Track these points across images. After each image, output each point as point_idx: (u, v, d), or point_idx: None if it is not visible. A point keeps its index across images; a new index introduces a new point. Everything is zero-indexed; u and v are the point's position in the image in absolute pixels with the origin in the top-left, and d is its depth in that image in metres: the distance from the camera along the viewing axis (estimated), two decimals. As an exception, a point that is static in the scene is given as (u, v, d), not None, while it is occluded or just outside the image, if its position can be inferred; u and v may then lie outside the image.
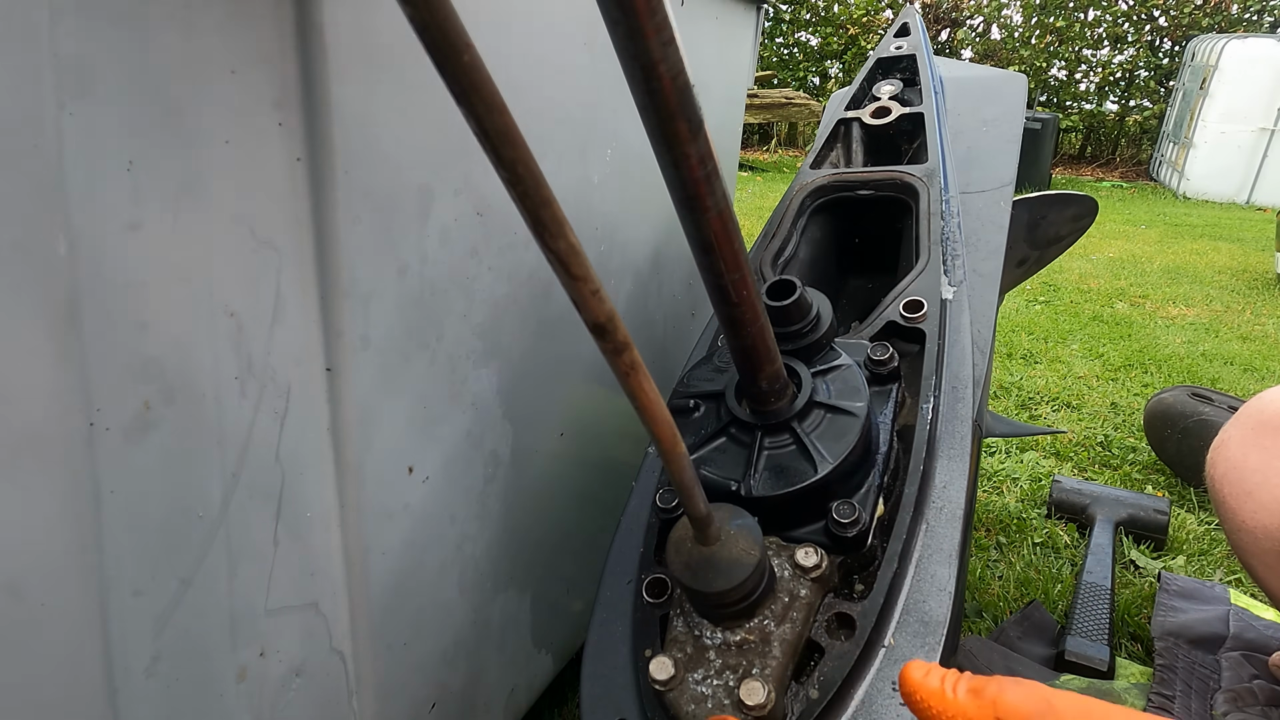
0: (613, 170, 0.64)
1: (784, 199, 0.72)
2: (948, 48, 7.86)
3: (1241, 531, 0.69)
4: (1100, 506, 1.21)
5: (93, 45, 0.27)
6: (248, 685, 0.39)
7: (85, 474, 0.30)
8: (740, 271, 0.32)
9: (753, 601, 0.34)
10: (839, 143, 0.80)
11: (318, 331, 0.39)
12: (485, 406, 0.53)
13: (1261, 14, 6.81)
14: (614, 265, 0.69)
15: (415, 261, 0.44)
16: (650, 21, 0.23)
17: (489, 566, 0.58)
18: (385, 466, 0.45)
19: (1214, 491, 0.74)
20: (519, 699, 0.68)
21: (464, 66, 0.19)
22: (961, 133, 0.86)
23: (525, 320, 0.56)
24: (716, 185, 0.29)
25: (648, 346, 0.80)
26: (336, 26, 0.35)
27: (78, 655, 0.31)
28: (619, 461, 0.76)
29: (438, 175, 0.44)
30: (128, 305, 0.30)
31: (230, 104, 0.32)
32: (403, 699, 0.51)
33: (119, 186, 0.29)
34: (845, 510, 0.37)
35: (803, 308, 0.43)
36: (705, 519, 0.31)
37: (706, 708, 0.33)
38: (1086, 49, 7.33)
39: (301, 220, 0.37)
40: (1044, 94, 7.60)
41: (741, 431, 0.40)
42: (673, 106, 0.26)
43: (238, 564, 0.37)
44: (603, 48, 0.52)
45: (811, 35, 8.24)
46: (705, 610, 0.35)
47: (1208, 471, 0.76)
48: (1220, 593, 0.99)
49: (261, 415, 0.37)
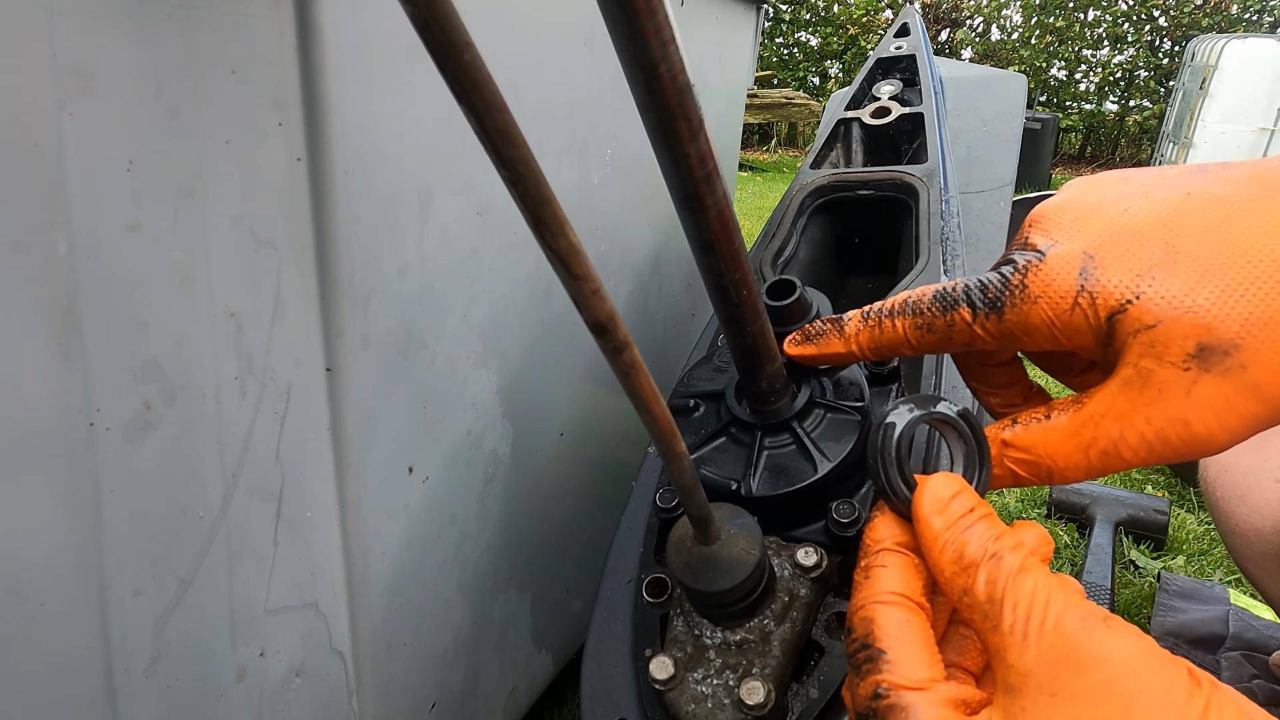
0: (613, 170, 0.64)
1: (784, 199, 0.72)
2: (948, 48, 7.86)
3: (1235, 534, 0.69)
4: (1100, 506, 1.21)
5: (93, 45, 0.27)
6: (248, 685, 0.39)
7: (85, 474, 0.30)
8: (740, 271, 0.32)
9: (753, 601, 0.34)
10: (839, 143, 0.80)
11: (318, 331, 0.39)
12: (485, 406, 0.53)
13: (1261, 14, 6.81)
14: (614, 265, 0.69)
15: (415, 261, 0.44)
16: (650, 21, 0.23)
17: (489, 566, 0.58)
18: (385, 466, 0.45)
19: (1208, 495, 0.74)
20: (519, 699, 0.68)
21: (464, 66, 0.19)
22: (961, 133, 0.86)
23: (525, 320, 0.56)
24: (716, 185, 0.29)
25: (648, 346, 0.80)
26: (336, 26, 0.35)
27: (78, 655, 0.31)
28: (619, 461, 0.76)
29: (438, 175, 0.44)
30: (128, 305, 0.30)
31: (230, 104, 0.32)
32: (403, 699, 0.51)
33: (119, 186, 0.29)
34: (845, 510, 0.37)
35: (803, 307, 0.42)
36: (705, 519, 0.31)
37: (706, 707, 0.33)
38: (1086, 49, 7.33)
39: (301, 220, 0.37)
40: (1044, 94, 7.60)
41: (741, 431, 0.40)
42: (672, 106, 0.26)
43: (238, 564, 0.37)
44: (603, 47, 0.52)
45: (811, 35, 8.24)
46: (705, 610, 0.35)
47: (1201, 474, 0.76)
48: (1220, 593, 0.99)
49: (261, 415, 0.37)
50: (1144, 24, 7.17)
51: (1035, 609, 0.25)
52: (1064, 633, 0.24)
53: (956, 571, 0.27)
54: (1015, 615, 0.25)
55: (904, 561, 0.29)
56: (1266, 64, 5.09)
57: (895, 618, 0.28)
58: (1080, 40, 7.25)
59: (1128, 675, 0.23)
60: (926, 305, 0.33)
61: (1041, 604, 0.25)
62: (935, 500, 0.29)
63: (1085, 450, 0.29)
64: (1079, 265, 0.29)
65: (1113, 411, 0.29)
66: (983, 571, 0.26)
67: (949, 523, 0.28)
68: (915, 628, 0.27)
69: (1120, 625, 0.24)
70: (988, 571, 0.26)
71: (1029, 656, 0.24)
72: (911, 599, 0.28)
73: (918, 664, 0.26)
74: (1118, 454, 0.29)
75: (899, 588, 0.28)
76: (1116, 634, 0.24)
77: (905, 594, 0.28)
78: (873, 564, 0.30)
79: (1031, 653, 0.24)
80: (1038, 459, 0.31)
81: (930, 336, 0.33)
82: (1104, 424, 0.29)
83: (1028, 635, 0.24)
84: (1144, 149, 7.35)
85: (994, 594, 0.26)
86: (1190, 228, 0.28)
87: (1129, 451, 0.29)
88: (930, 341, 0.33)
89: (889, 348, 0.35)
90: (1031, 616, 0.24)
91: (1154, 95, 7.22)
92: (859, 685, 0.27)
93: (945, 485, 0.29)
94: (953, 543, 0.28)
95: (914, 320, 0.33)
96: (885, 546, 0.30)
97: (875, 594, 0.29)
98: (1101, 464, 0.29)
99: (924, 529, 0.29)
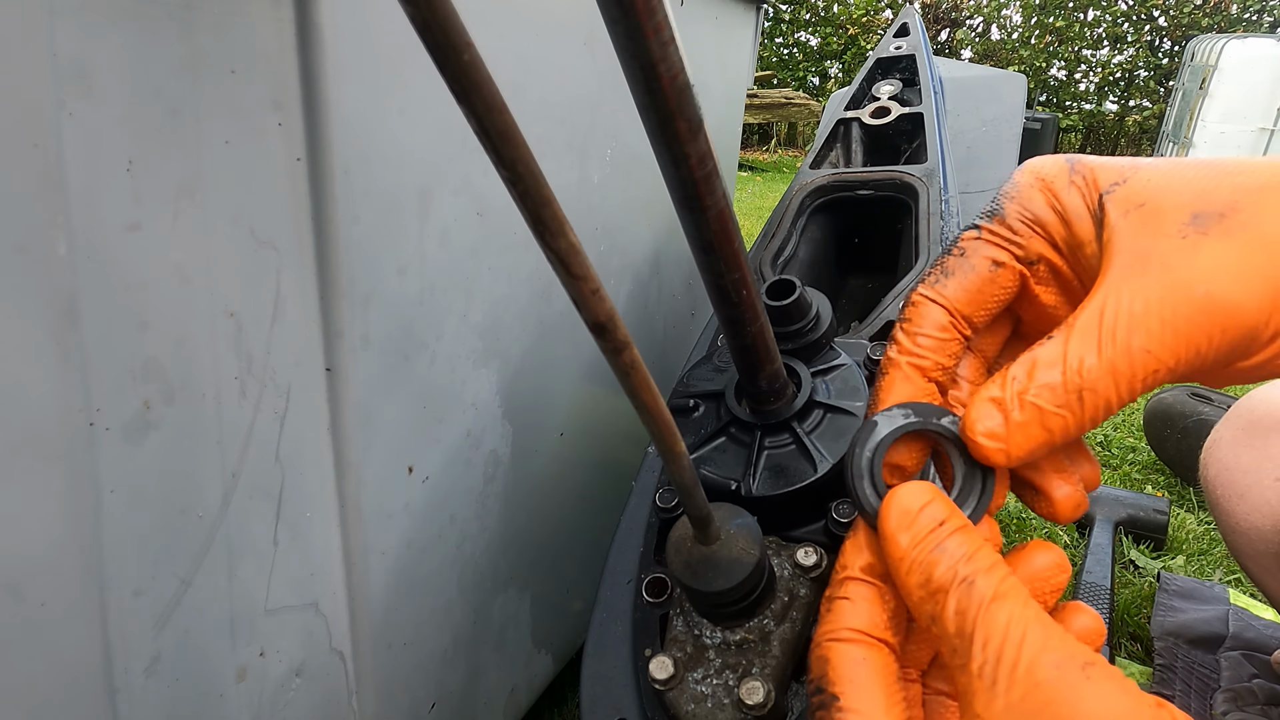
0: (613, 170, 0.64)
1: (784, 199, 0.72)
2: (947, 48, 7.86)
3: (1236, 533, 0.69)
4: (1100, 506, 1.21)
5: (93, 45, 0.27)
6: (248, 685, 0.39)
7: (85, 474, 0.30)
8: (740, 271, 0.32)
9: (753, 601, 0.34)
10: (839, 143, 0.80)
11: (318, 331, 0.39)
12: (485, 406, 0.53)
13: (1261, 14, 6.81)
14: (614, 265, 0.69)
15: (415, 261, 0.44)
16: (650, 21, 0.23)
17: (489, 566, 0.58)
18: (385, 466, 0.45)
19: (1208, 493, 0.74)
20: (519, 699, 0.68)
21: (464, 66, 0.19)
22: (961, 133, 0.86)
23: (525, 320, 0.56)
24: (716, 185, 0.29)
25: (648, 346, 0.80)
26: (336, 26, 0.35)
27: (78, 655, 0.31)
28: (619, 461, 0.76)
29: (438, 175, 0.44)
30: (128, 305, 0.30)
31: (230, 104, 0.32)
32: (403, 699, 0.51)
33: (119, 186, 0.29)
34: (845, 510, 0.37)
35: (802, 307, 0.43)
36: (705, 518, 0.31)
37: (706, 707, 0.33)
38: (1086, 49, 7.33)
39: (301, 220, 0.37)
40: (1044, 94, 7.60)
41: (741, 431, 0.40)
42: (672, 106, 0.26)
43: (238, 564, 0.37)
44: (603, 47, 0.52)
45: (811, 35, 8.24)
46: (705, 610, 0.35)
47: (1201, 472, 0.76)
48: (1220, 592, 0.99)
49: (261, 415, 0.37)
50: (1144, 24, 7.17)
51: (1007, 649, 0.22)
52: (1036, 683, 0.21)
53: (924, 597, 0.24)
54: (985, 655, 0.22)
55: (869, 593, 0.27)
56: (1266, 64, 5.09)
57: (851, 657, 0.25)
58: (1080, 40, 7.25)
59: None
60: (932, 262, 0.32)
61: (1015, 643, 0.22)
62: (902, 513, 0.25)
63: (1107, 346, 0.25)
64: (1063, 159, 0.30)
65: (1119, 297, 0.25)
66: (951, 599, 0.23)
67: (916, 539, 0.25)
68: (873, 668, 0.25)
69: (1101, 675, 0.21)
70: (957, 599, 0.23)
71: (996, 708, 0.21)
72: (873, 635, 0.26)
73: (872, 711, 0.24)
74: (1136, 348, 0.24)
75: (859, 624, 0.26)
76: (1097, 688, 0.21)
77: (866, 630, 0.26)
78: (834, 594, 0.27)
79: (999, 703, 0.21)
80: (1062, 377, 0.25)
81: (953, 282, 0.30)
82: (1117, 315, 0.25)
83: (996, 681, 0.21)
84: (1144, 149, 7.35)
85: (963, 626, 0.23)
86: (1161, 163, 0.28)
87: (1149, 340, 0.24)
88: (958, 294, 0.30)
89: (933, 327, 0.30)
90: (1003, 658, 0.22)
91: (1154, 95, 7.23)
92: None
93: (914, 495, 0.26)
94: (920, 563, 0.24)
95: (930, 280, 0.31)
96: (850, 574, 0.27)
97: (834, 630, 0.26)
98: (1128, 364, 0.25)
99: (890, 547, 0.25)
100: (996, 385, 0.27)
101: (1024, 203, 0.30)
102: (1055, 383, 0.25)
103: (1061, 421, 0.25)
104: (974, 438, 0.26)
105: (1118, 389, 0.25)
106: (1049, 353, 0.26)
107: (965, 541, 0.24)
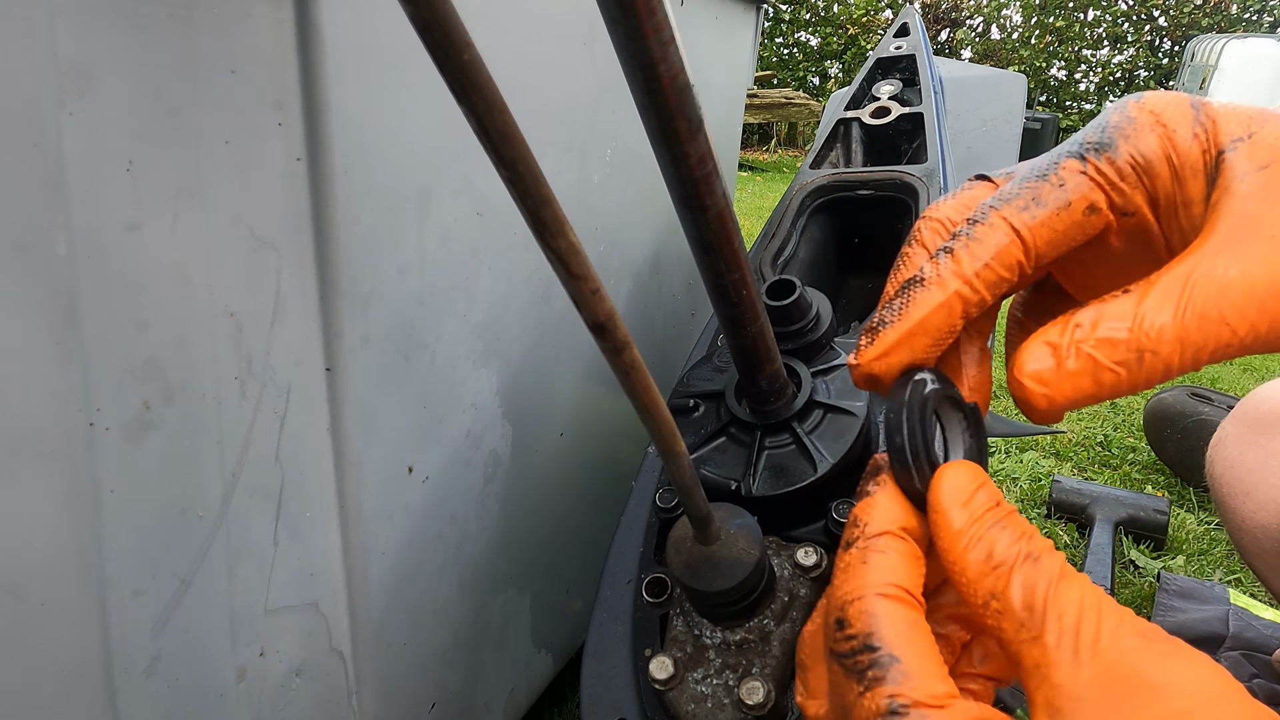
0: (613, 170, 0.64)
1: (784, 199, 0.72)
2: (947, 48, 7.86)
3: (1242, 531, 0.69)
4: (1100, 506, 1.21)
5: (93, 45, 0.27)
6: (248, 685, 0.39)
7: (85, 474, 0.30)
8: (740, 271, 0.32)
9: (753, 601, 0.34)
10: (839, 143, 0.80)
11: (318, 331, 0.39)
12: (485, 406, 0.53)
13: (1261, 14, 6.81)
14: (614, 265, 0.69)
15: (415, 261, 0.44)
16: (650, 21, 0.23)
17: (489, 566, 0.58)
18: (385, 466, 0.45)
19: (1214, 490, 0.74)
20: (519, 699, 0.68)
21: (464, 65, 0.19)
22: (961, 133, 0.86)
23: (525, 320, 0.56)
24: (716, 185, 0.29)
25: (648, 346, 0.80)
26: (336, 26, 0.35)
27: (78, 655, 0.31)
28: (619, 461, 0.76)
29: (438, 175, 0.44)
30: (128, 305, 0.30)
31: (230, 104, 0.32)
32: (403, 699, 0.51)
33: (119, 186, 0.29)
34: (845, 509, 0.37)
35: (802, 307, 0.43)
36: (705, 518, 0.31)
37: (706, 707, 0.33)
38: (1086, 49, 7.34)
39: (301, 220, 0.37)
40: (1044, 94, 7.60)
41: (741, 431, 0.40)
42: (672, 106, 0.26)
43: (238, 564, 0.37)
44: (603, 47, 0.52)
45: (811, 35, 8.24)
46: (705, 610, 0.35)
47: (1207, 470, 0.76)
48: (1220, 592, 0.99)
49: (261, 415, 0.37)
50: (1144, 24, 7.18)
51: (1085, 623, 0.21)
52: (1124, 652, 0.21)
53: (984, 572, 0.23)
54: (1062, 628, 0.21)
55: (908, 551, 0.25)
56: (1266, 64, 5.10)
57: (903, 618, 0.24)
58: (1080, 40, 7.25)
59: (1203, 710, 0.19)
60: (1020, 181, 0.27)
61: (1092, 618, 0.21)
62: (958, 489, 0.25)
63: (1186, 310, 0.23)
64: (1186, 99, 0.26)
65: (1213, 262, 0.23)
66: (1018, 575, 0.23)
67: (975, 516, 0.24)
68: (925, 633, 0.24)
69: (1184, 647, 0.21)
70: (1024, 575, 0.23)
71: (1082, 678, 0.21)
72: (916, 597, 0.25)
73: (934, 676, 0.23)
74: (1214, 317, 0.23)
75: (904, 581, 0.25)
76: (1183, 657, 0.20)
77: (911, 590, 0.25)
78: (871, 548, 0.26)
79: (1085, 673, 0.21)
80: (1129, 334, 0.24)
81: (1042, 215, 0.26)
82: (1209, 280, 0.23)
83: (1078, 652, 0.21)
84: (1144, 149, 7.34)
85: (1033, 601, 0.22)
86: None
87: (1231, 311, 0.23)
88: (1042, 231, 0.26)
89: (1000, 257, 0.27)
90: (1082, 631, 0.21)
91: (1154, 95, 7.21)
92: (864, 696, 0.23)
93: (969, 475, 0.25)
94: (981, 539, 0.24)
95: (1015, 202, 0.27)
96: (888, 529, 0.26)
97: (877, 584, 0.24)
98: (1201, 333, 0.23)
99: (943, 520, 0.25)
100: (1056, 330, 0.25)
101: (1139, 144, 0.26)
102: (1119, 338, 0.24)
103: (1114, 378, 0.24)
104: (1020, 378, 0.25)
105: (1182, 356, 0.24)
106: (1119, 307, 0.24)
107: (1020, 524, 0.24)
